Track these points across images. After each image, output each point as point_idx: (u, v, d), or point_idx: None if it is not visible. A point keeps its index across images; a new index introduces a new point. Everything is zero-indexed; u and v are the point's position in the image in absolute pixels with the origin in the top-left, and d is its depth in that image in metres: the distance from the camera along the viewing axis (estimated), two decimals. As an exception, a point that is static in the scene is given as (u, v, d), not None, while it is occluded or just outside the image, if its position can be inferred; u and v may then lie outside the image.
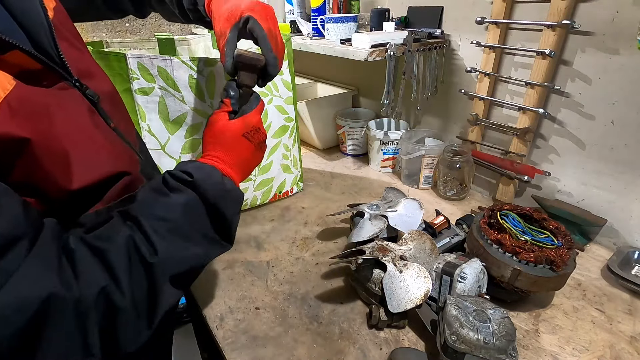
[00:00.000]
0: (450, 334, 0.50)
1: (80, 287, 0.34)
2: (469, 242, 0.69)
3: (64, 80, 0.43)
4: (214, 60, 0.71)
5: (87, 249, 0.37)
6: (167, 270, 0.41)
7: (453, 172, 0.95)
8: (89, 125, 0.44)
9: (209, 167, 0.49)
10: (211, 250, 0.48)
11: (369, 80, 1.27)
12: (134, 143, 0.55)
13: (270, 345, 0.59)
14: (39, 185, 0.38)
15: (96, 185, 0.43)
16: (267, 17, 0.55)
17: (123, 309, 0.37)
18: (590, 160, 0.79)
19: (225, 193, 0.48)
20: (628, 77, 0.69)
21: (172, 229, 0.42)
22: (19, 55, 0.37)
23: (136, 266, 0.39)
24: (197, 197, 0.45)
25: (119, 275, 0.37)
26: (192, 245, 0.44)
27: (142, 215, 0.41)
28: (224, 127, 0.52)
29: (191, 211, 0.44)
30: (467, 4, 0.90)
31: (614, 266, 0.69)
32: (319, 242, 0.83)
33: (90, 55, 0.52)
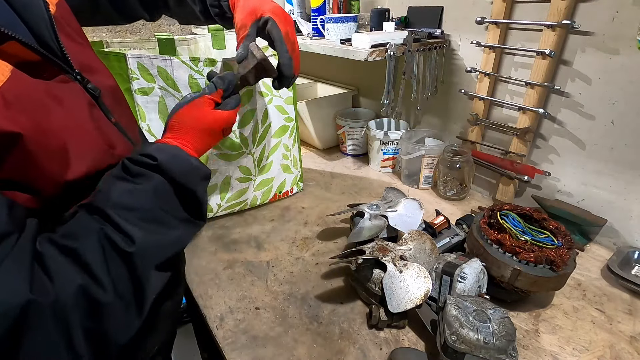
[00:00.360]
0: (450, 334, 0.50)
1: (56, 290, 0.33)
2: (469, 242, 0.69)
3: (65, 73, 0.43)
4: (214, 60, 0.71)
5: (56, 250, 0.36)
6: (148, 258, 0.40)
7: (453, 172, 0.95)
8: (87, 119, 0.43)
9: (171, 147, 0.47)
10: (187, 231, 0.47)
11: (369, 80, 1.27)
12: (136, 139, 0.55)
13: (270, 345, 0.59)
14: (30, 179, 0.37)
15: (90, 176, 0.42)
16: (286, 22, 0.57)
17: (107, 304, 0.36)
18: (590, 160, 0.79)
19: (194, 172, 0.47)
20: (628, 77, 0.69)
21: (144, 217, 0.41)
22: (17, 46, 0.37)
23: (112, 258, 0.38)
24: (163, 180, 0.44)
25: (96, 271, 0.36)
26: (167, 229, 0.43)
27: (108, 206, 0.40)
28: (209, 117, 0.52)
29: (160, 196, 0.43)
30: (467, 4, 0.90)
31: (614, 266, 0.69)
32: (319, 242, 0.83)
33: (93, 52, 0.52)
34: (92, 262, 0.36)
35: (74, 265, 0.36)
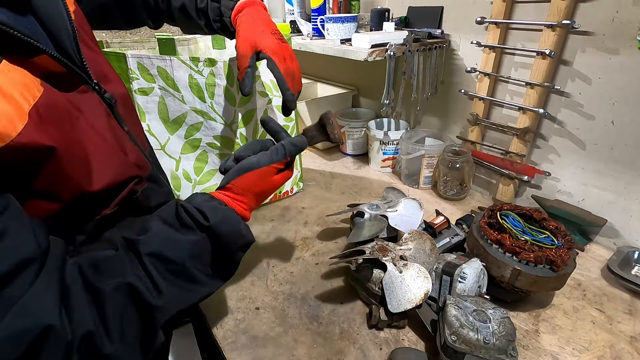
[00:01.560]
0: (450, 334, 0.50)
1: (72, 327, 0.33)
2: (469, 242, 0.69)
3: (85, 83, 0.43)
4: (214, 60, 0.71)
5: (82, 285, 0.36)
6: (169, 311, 0.40)
7: (453, 172, 0.95)
8: (106, 129, 0.44)
9: (227, 209, 0.47)
10: (212, 287, 0.47)
11: (369, 80, 1.27)
12: (144, 147, 0.55)
13: (270, 345, 0.59)
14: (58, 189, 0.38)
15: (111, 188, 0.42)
16: (285, 57, 0.58)
17: (108, 356, 0.36)
18: (590, 160, 0.79)
19: (238, 239, 0.47)
20: (628, 77, 0.69)
21: (175, 271, 0.41)
22: (46, 59, 0.37)
23: (131, 309, 0.38)
24: (207, 239, 0.44)
25: (109, 320, 0.36)
26: (194, 285, 0.43)
27: (146, 252, 0.40)
28: (273, 183, 0.52)
29: (198, 253, 0.44)
30: (467, 4, 0.90)
31: (614, 266, 0.69)
32: (319, 242, 0.83)
33: (105, 58, 0.52)
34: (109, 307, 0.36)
35: (91, 306, 0.36)
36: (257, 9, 0.62)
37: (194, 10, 0.65)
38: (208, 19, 0.65)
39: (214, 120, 0.77)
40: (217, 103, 0.75)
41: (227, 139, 0.79)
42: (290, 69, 0.59)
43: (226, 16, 0.63)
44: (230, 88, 0.74)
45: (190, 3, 0.65)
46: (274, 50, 0.57)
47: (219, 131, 0.78)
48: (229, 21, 0.63)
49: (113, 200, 0.44)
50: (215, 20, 0.64)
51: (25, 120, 0.33)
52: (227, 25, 0.64)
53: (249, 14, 0.61)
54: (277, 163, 0.52)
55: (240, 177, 0.50)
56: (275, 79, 0.59)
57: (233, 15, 0.62)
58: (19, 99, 0.32)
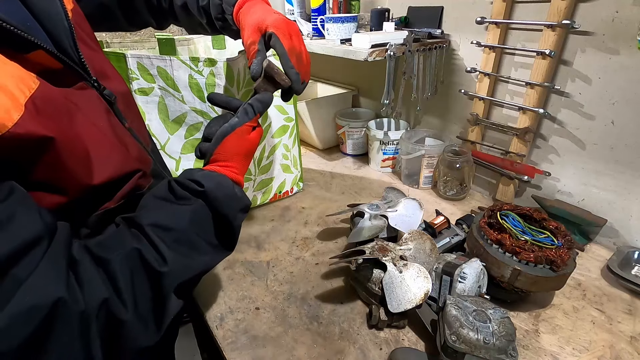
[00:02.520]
0: (450, 334, 0.50)
1: (85, 298, 0.34)
2: (469, 242, 0.69)
3: (83, 80, 0.43)
4: (214, 60, 0.71)
5: (90, 259, 0.37)
6: (175, 279, 0.41)
7: (453, 172, 0.95)
8: (106, 125, 0.44)
9: (218, 175, 0.49)
10: (215, 257, 0.48)
11: (369, 80, 1.27)
12: (146, 143, 0.56)
13: (270, 345, 0.59)
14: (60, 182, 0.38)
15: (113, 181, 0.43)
16: (291, 34, 0.56)
17: (126, 322, 0.37)
18: (590, 160, 0.79)
19: (235, 202, 0.48)
20: (628, 77, 0.69)
21: (178, 239, 0.42)
22: (42, 54, 0.37)
23: (140, 276, 0.39)
24: (205, 206, 0.45)
25: (121, 287, 0.37)
26: (198, 254, 0.44)
27: (148, 224, 0.41)
28: (251, 140, 0.54)
29: (198, 220, 0.45)
30: (467, 4, 0.90)
31: (614, 266, 0.69)
32: (319, 242, 0.83)
33: (104, 56, 0.53)
34: (119, 277, 0.37)
35: (103, 276, 0.37)
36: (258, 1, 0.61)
37: (196, 8, 0.64)
38: (210, 16, 0.64)
39: (214, 120, 0.76)
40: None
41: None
42: (297, 49, 0.56)
43: (228, 13, 0.62)
44: (230, 88, 0.74)
45: (191, 1, 0.64)
46: (277, 25, 0.55)
47: (219, 131, 0.78)
48: (231, 18, 0.62)
49: (116, 194, 0.45)
50: (217, 17, 0.64)
51: (22, 111, 0.33)
52: (230, 23, 0.63)
53: (250, 6, 0.60)
54: (250, 121, 0.53)
55: (220, 145, 0.51)
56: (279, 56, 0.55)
57: (235, 11, 0.61)
58: (14, 90, 0.33)
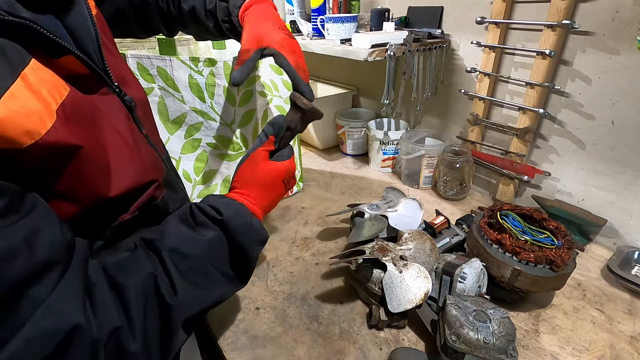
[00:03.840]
0: (450, 334, 0.50)
1: (97, 325, 0.34)
2: (469, 242, 0.69)
3: (106, 86, 0.43)
4: (214, 60, 0.71)
5: (107, 283, 0.37)
6: (184, 311, 0.40)
7: (453, 172, 0.95)
8: (127, 132, 0.44)
9: (237, 204, 0.48)
10: (228, 290, 0.47)
11: (369, 80, 1.27)
12: (161, 151, 0.56)
13: (270, 345, 0.59)
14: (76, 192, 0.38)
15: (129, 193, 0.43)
16: (294, 51, 0.57)
17: (133, 354, 0.36)
18: (590, 160, 0.79)
19: (252, 234, 0.47)
20: (628, 77, 0.69)
21: (193, 268, 0.42)
22: (72, 60, 0.38)
23: (152, 306, 0.38)
24: (223, 235, 0.45)
25: (133, 316, 0.36)
26: (210, 285, 0.44)
27: (166, 249, 0.41)
28: (267, 168, 0.52)
29: (215, 249, 0.44)
30: (467, 4, 0.90)
31: (614, 266, 0.69)
32: (319, 242, 0.83)
33: (124, 62, 0.53)
34: (134, 304, 0.37)
35: (117, 303, 0.36)
36: (265, 6, 0.61)
37: (203, 12, 0.64)
38: (216, 19, 0.64)
39: (214, 120, 0.77)
40: (217, 103, 0.75)
41: (227, 139, 0.79)
42: (301, 65, 0.57)
43: (234, 15, 0.62)
44: (230, 88, 0.74)
45: (199, 5, 0.64)
46: (281, 44, 0.56)
47: (219, 131, 0.78)
48: (236, 20, 0.62)
49: (131, 205, 0.44)
50: (223, 20, 0.64)
51: (54, 119, 0.33)
52: (235, 25, 0.63)
53: (256, 10, 0.60)
54: (262, 146, 0.52)
55: (237, 172, 0.52)
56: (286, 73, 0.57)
57: (240, 13, 0.61)
58: (47, 97, 0.33)
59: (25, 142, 0.31)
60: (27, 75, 0.31)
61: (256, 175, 0.51)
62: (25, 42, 0.33)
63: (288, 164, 0.54)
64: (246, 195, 0.50)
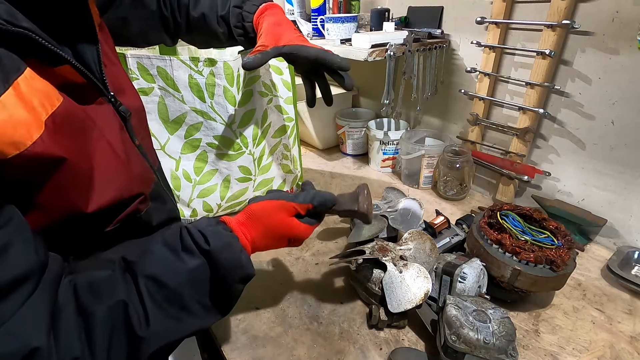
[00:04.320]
0: (450, 334, 0.50)
1: (58, 353, 0.32)
2: (469, 242, 0.69)
3: (102, 95, 0.43)
4: (214, 60, 0.71)
5: (74, 307, 0.35)
6: (154, 342, 0.38)
7: (453, 172, 0.95)
8: (117, 143, 0.43)
9: (229, 235, 0.45)
10: (205, 321, 0.44)
11: (369, 80, 1.27)
12: (153, 161, 0.54)
13: (270, 345, 0.59)
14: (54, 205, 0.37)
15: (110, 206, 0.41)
16: None
17: None
18: (590, 160, 0.79)
19: (238, 270, 0.44)
20: (628, 77, 0.69)
21: (170, 298, 0.39)
22: (68, 69, 0.37)
23: (119, 337, 0.36)
24: (207, 265, 0.42)
25: (96, 348, 0.34)
26: (187, 316, 0.41)
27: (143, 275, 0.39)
28: (285, 221, 0.49)
29: (196, 279, 0.42)
30: (467, 4, 0.90)
31: (614, 266, 0.69)
32: (319, 242, 0.83)
33: (123, 70, 0.52)
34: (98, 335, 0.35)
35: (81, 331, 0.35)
36: (279, 11, 0.63)
37: (215, 18, 0.64)
38: (229, 25, 0.64)
39: (214, 120, 0.77)
40: (217, 103, 0.75)
41: (227, 139, 0.79)
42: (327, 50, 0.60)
43: (247, 21, 0.63)
44: (230, 88, 0.74)
45: (211, 11, 0.64)
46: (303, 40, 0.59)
47: (219, 131, 0.78)
48: (250, 26, 0.63)
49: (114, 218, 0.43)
50: (236, 26, 0.64)
51: (42, 130, 0.32)
52: (248, 31, 0.64)
53: (271, 14, 0.62)
54: (297, 203, 0.50)
55: (257, 202, 0.49)
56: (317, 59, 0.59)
57: (255, 18, 0.62)
58: (37, 107, 0.32)
59: (10, 153, 0.30)
60: (19, 84, 0.31)
61: (270, 219, 0.49)
62: (22, 51, 0.32)
63: (306, 228, 0.51)
64: (246, 228, 0.47)
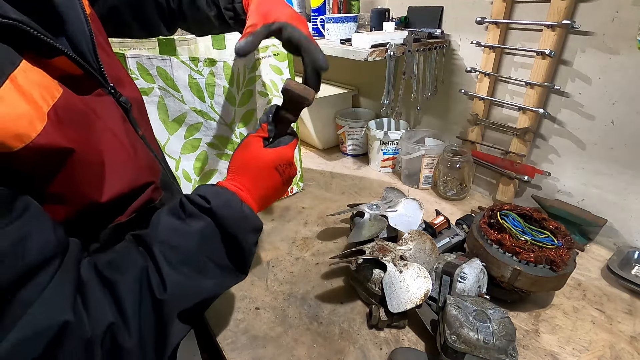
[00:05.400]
0: (450, 334, 0.50)
1: (91, 323, 0.34)
2: (469, 242, 0.69)
3: (101, 87, 0.43)
4: (214, 60, 0.71)
5: (98, 280, 0.37)
6: (176, 305, 0.40)
7: (453, 172, 0.95)
8: (122, 134, 0.44)
9: (228, 192, 0.46)
10: (224, 281, 0.46)
11: (369, 80, 1.27)
12: (157, 151, 0.55)
13: (270, 345, 0.59)
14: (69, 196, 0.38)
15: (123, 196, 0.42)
16: (304, 25, 0.55)
17: (128, 350, 0.36)
18: (590, 160, 0.79)
19: (244, 222, 0.45)
20: (628, 77, 0.69)
21: (184, 260, 0.41)
22: (64, 60, 0.37)
23: (146, 301, 0.38)
24: (213, 224, 0.43)
25: (127, 311, 0.36)
26: (204, 277, 0.42)
27: (156, 242, 0.40)
28: (258, 154, 0.50)
29: (207, 240, 0.43)
30: (467, 4, 0.90)
31: (614, 266, 0.69)
32: (319, 242, 0.83)
33: (119, 62, 0.52)
34: (127, 300, 0.36)
35: (110, 299, 0.36)
36: None
37: (204, 0, 0.62)
38: (219, 7, 0.62)
39: (214, 120, 0.77)
40: (217, 103, 0.75)
41: (226, 139, 0.79)
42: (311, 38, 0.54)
43: (237, 1, 0.60)
44: (230, 88, 0.74)
45: None
46: (292, 17, 0.53)
47: (219, 131, 0.78)
48: (240, 7, 0.60)
49: (127, 208, 0.44)
50: (226, 8, 0.61)
51: (45, 121, 0.33)
52: (239, 12, 0.61)
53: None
54: (254, 133, 0.51)
55: (230, 160, 0.51)
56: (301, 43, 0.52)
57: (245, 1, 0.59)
58: (38, 99, 0.32)
59: (16, 146, 0.30)
60: (16, 77, 0.31)
61: (247, 163, 0.49)
62: (17, 43, 0.32)
63: (281, 150, 0.51)
64: (237, 183, 0.48)
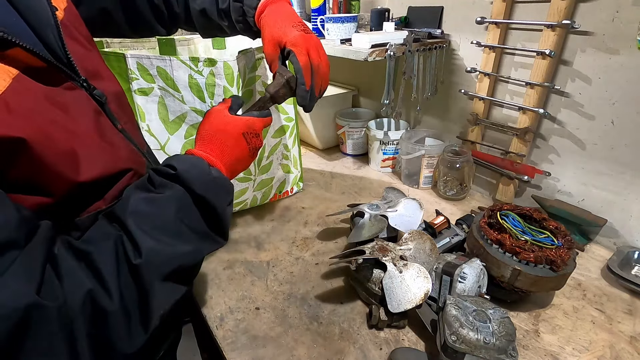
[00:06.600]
0: (450, 334, 0.50)
1: (65, 294, 0.33)
2: (469, 242, 0.69)
3: (71, 80, 0.43)
4: (214, 60, 0.71)
5: (72, 254, 0.36)
6: (154, 270, 0.39)
7: (453, 172, 0.95)
8: (93, 127, 0.43)
9: (194, 157, 0.47)
10: (203, 246, 0.45)
11: (369, 80, 1.27)
12: (141, 145, 0.55)
13: (270, 345, 0.59)
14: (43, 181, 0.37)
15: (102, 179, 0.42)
16: (308, 49, 0.57)
17: (112, 313, 0.35)
18: (590, 160, 0.79)
19: (212, 183, 0.45)
20: (628, 77, 0.69)
21: (158, 226, 0.40)
22: (21, 52, 0.37)
23: (123, 267, 0.37)
24: (182, 189, 0.43)
25: (106, 277, 0.35)
26: (180, 242, 0.42)
27: (126, 213, 0.39)
28: (226, 120, 0.51)
29: (178, 205, 0.42)
30: (467, 4, 0.90)
31: (614, 266, 0.69)
32: (319, 242, 0.83)
33: (99, 56, 0.52)
34: (103, 267, 0.36)
35: (86, 269, 0.36)
36: (280, 4, 0.61)
37: (215, 12, 0.64)
38: (230, 19, 0.64)
39: (214, 120, 0.76)
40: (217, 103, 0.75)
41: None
42: (315, 62, 0.57)
43: (249, 16, 0.62)
44: (230, 88, 0.74)
45: (210, 6, 0.64)
46: (294, 42, 0.56)
47: (219, 131, 0.78)
48: (252, 21, 0.62)
49: (107, 193, 0.44)
50: (237, 20, 0.63)
51: None
52: (250, 25, 0.63)
53: (271, 11, 0.60)
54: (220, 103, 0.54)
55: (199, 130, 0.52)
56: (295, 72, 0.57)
57: (257, 14, 0.61)
58: None
59: None
60: None
61: (215, 128, 0.50)
62: None
63: (250, 118, 0.53)
64: (203, 149, 0.49)
